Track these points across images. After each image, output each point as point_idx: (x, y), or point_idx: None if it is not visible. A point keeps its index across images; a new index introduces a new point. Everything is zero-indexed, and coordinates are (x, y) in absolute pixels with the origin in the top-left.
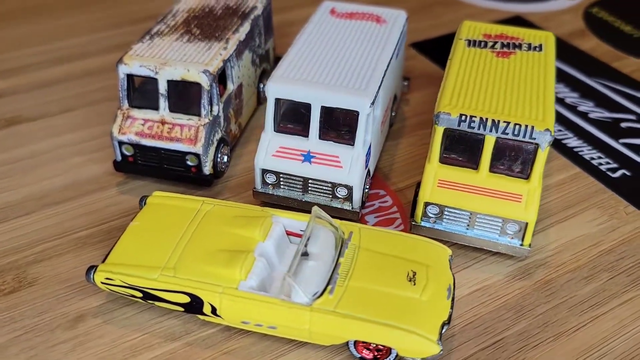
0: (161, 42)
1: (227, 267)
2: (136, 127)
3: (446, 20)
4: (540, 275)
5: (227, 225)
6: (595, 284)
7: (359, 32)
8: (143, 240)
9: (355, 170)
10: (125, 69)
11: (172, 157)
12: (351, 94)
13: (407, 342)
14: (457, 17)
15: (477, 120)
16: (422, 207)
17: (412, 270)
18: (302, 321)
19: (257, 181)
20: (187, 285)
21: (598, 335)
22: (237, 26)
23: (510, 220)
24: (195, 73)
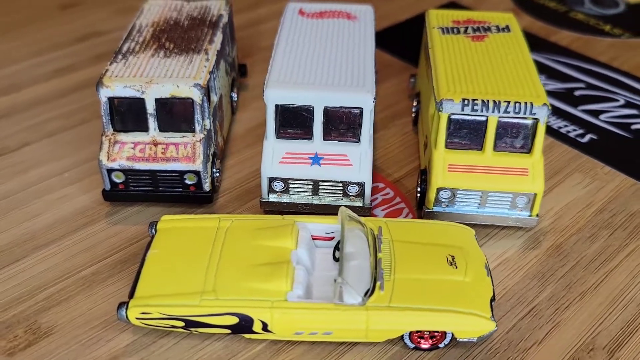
0: (137, 60)
1: (271, 280)
2: (127, 152)
3: (384, 13)
4: (549, 242)
5: (255, 238)
6: (599, 242)
7: (336, 30)
8: (169, 268)
9: (365, 167)
10: (107, 92)
11: (169, 178)
12: (353, 91)
13: (464, 324)
14: (392, 9)
15: (479, 103)
16: (435, 193)
17: (450, 254)
18: (359, 322)
19: (264, 190)
20: (233, 305)
21: (617, 287)
22: (210, 36)
23: (520, 193)
24: (186, 88)
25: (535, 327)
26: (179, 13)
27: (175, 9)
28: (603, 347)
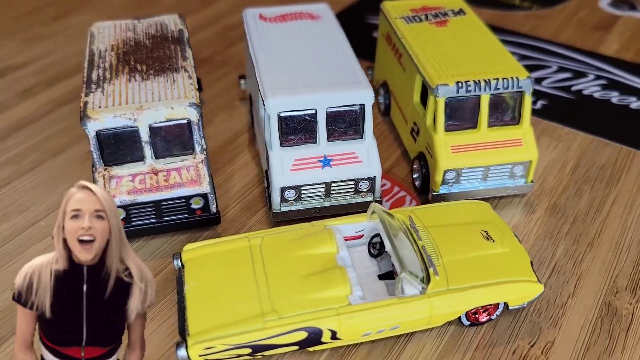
0: (114, 87)
1: (330, 287)
2: (126, 186)
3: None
4: (545, 204)
5: (295, 250)
6: (585, 195)
7: (306, 31)
8: (215, 297)
9: (375, 161)
10: (95, 126)
11: (174, 205)
12: (353, 89)
13: (517, 291)
14: None
15: (471, 83)
16: (442, 175)
17: (483, 230)
18: (423, 310)
19: (276, 201)
20: (299, 321)
21: (615, 232)
22: (181, 52)
23: (517, 163)
24: (182, 109)
25: (563, 283)
26: (135, 33)
27: (129, 29)
28: (625, 287)
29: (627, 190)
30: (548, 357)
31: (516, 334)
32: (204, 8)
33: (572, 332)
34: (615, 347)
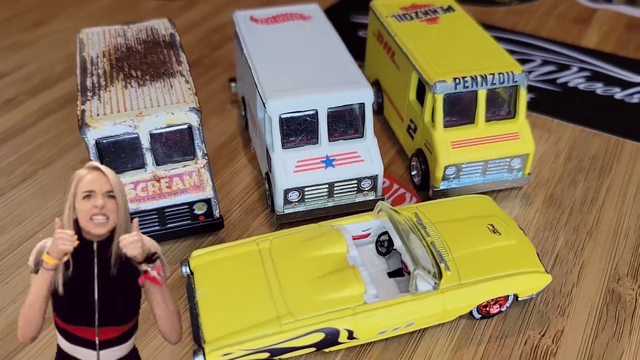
0: (110, 94)
1: (344, 287)
2: (128, 194)
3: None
4: (542, 195)
5: (305, 251)
6: (580, 185)
7: (299, 32)
8: (228, 302)
9: (376, 159)
10: (95, 134)
11: (177, 212)
12: (352, 89)
13: (526, 283)
14: None
15: (469, 79)
16: (442, 171)
17: (489, 223)
18: (437, 306)
19: (279, 204)
20: (316, 322)
21: (611, 220)
22: (175, 57)
23: (515, 156)
24: (182, 114)
25: (566, 272)
26: (126, 38)
27: (119, 35)
28: (626, 274)
29: (619, 178)
30: (559, 346)
31: (526, 324)
32: (184, 12)
33: (579, 320)
34: (623, 332)
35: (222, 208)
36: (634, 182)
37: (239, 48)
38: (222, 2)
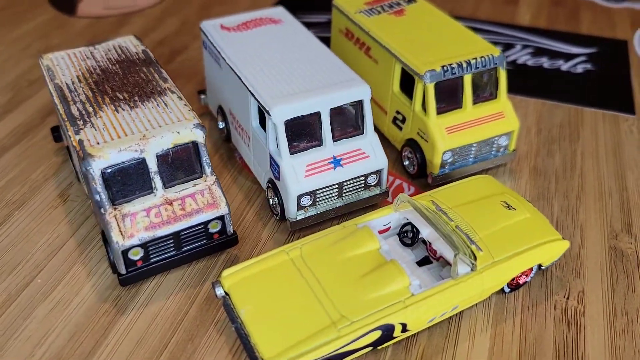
0: (103, 120)
1: (390, 282)
2: (142, 222)
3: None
4: (526, 168)
5: (338, 253)
6: (557, 154)
7: (276, 37)
8: (276, 317)
9: (380, 153)
10: (101, 164)
11: (193, 233)
12: (350, 87)
13: (549, 251)
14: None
15: (455, 66)
16: (441, 157)
17: (501, 201)
18: (477, 286)
19: (292, 210)
20: (372, 321)
21: (594, 182)
22: (157, 74)
23: (502, 134)
24: (188, 132)
25: (570, 237)
26: (96, 60)
27: (87, 57)
28: (621, 230)
29: (588, 144)
30: (584, 305)
31: (550, 291)
32: (119, 28)
33: (595, 279)
34: (635, 283)
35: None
36: (601, 145)
37: (214, 58)
38: (155, 15)
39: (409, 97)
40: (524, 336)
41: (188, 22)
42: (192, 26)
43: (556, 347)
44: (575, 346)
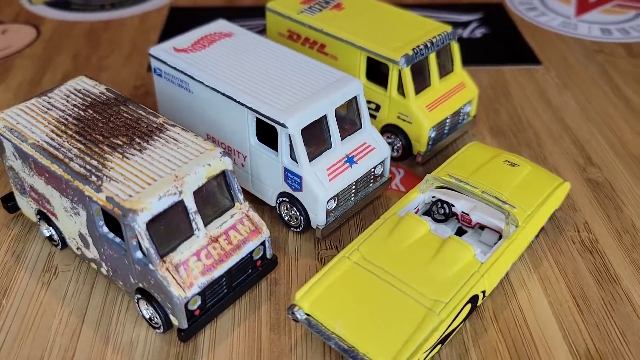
0: (117, 171)
1: (459, 257)
2: (197, 267)
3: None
4: (486, 130)
5: (398, 244)
6: (502, 112)
7: (241, 50)
8: (373, 324)
9: (382, 142)
10: (145, 216)
11: (241, 266)
12: (345, 84)
13: (560, 195)
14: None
15: (422, 47)
16: (427, 136)
17: (503, 160)
18: (524, 240)
19: (322, 217)
20: (462, 296)
21: (542, 128)
22: (142, 110)
23: (467, 103)
24: (218, 162)
25: None
26: (60, 109)
27: (48, 108)
28: (585, 163)
29: (520, 98)
30: (594, 234)
31: (561, 229)
32: (4, 74)
33: (589, 209)
34: (618, 204)
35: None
36: (531, 96)
37: (178, 85)
38: (38, 54)
39: (380, 85)
40: (564, 273)
41: (80, 55)
42: (87, 59)
43: (592, 275)
44: (605, 269)
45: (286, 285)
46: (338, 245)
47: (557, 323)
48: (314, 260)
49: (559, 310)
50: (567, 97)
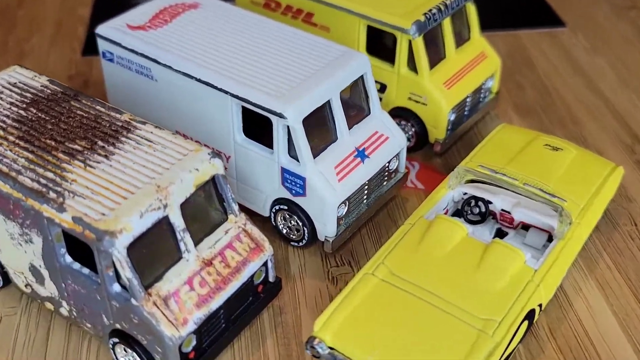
0: (81, 183)
1: (507, 264)
2: (190, 299)
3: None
4: (511, 109)
5: (430, 254)
6: (527, 86)
7: (214, 24)
8: (413, 351)
9: (396, 129)
10: (126, 239)
11: (242, 294)
12: (349, 61)
13: (614, 182)
14: None
15: (435, 11)
16: (447, 119)
17: (543, 144)
18: (580, 238)
19: (331, 227)
20: (518, 312)
21: (573, 100)
22: (101, 105)
23: (489, 77)
24: (207, 165)
25: None
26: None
27: None
28: (632, 142)
29: (546, 66)
30: None
31: (615, 223)
32: None
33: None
34: None
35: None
36: (557, 63)
37: (136, 71)
38: None
39: (385, 60)
40: (625, 275)
41: None
42: (2, 44)
43: None
44: None
45: (293, 313)
46: (351, 259)
47: (626, 336)
48: (323, 281)
49: (626, 320)
50: (600, 62)
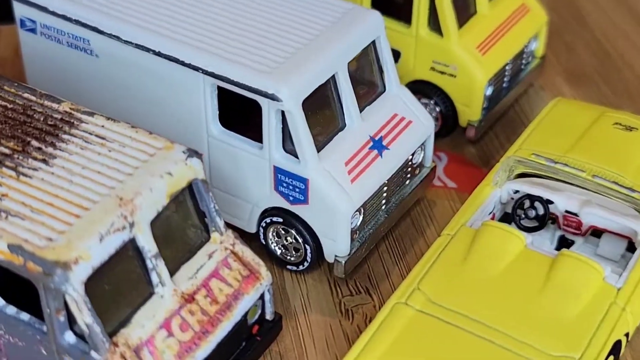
0: (19, 196)
1: (584, 283)
2: (169, 349)
3: None
4: (560, 78)
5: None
6: (576, 44)
7: None
8: None
9: (421, 110)
10: (84, 271)
11: (234, 336)
12: (356, 23)
13: None
14: None
15: None
16: (483, 95)
17: (613, 123)
18: None
19: (344, 244)
20: (601, 346)
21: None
22: (31, 92)
23: (534, 36)
24: (183, 167)
25: None
26: None
27: None
28: None
29: (602, 20)
30: None
31: None
32: None
33: None
34: None
35: None
36: (616, 17)
37: (71, 45)
38: None
39: (397, 18)
40: None
41: None
42: None
43: None
44: None
45: None
46: (369, 285)
47: None
48: (335, 316)
49: None
50: None
